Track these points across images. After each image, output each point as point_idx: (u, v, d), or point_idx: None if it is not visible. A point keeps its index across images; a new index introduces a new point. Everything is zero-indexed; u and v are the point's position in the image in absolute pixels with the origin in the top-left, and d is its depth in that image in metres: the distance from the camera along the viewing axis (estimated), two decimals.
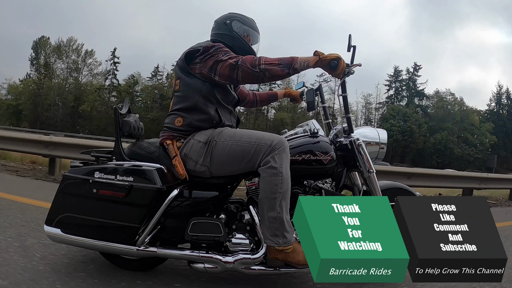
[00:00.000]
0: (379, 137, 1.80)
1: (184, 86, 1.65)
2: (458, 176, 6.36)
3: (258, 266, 1.56)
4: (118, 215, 1.53)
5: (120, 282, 1.61)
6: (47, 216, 1.60)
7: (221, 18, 1.78)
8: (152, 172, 1.53)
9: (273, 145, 1.53)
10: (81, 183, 1.55)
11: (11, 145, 5.13)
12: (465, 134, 37.99)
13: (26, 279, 1.54)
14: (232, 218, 1.67)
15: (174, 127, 1.64)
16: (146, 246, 1.57)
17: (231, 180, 1.67)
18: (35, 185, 4.14)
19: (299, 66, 1.52)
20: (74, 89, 36.01)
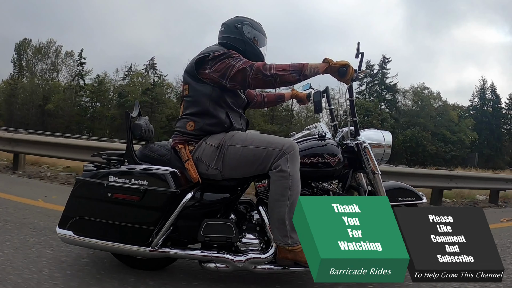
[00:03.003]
0: (384, 139, 1.87)
1: (193, 91, 1.68)
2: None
3: (267, 265, 1.61)
4: (133, 218, 1.55)
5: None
6: (60, 219, 1.61)
7: (231, 22, 1.80)
8: (167, 175, 1.56)
9: (284, 149, 1.58)
10: (95, 187, 1.56)
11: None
12: (443, 130, 36.15)
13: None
14: (241, 219, 1.72)
15: (186, 131, 1.67)
16: (158, 246, 1.60)
17: (242, 182, 1.71)
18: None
19: (309, 72, 1.56)
20: (44, 89, 37.10)
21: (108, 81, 38.44)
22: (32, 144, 5.05)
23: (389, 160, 1.88)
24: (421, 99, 38.36)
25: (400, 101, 39.58)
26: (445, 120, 37.02)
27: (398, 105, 39.34)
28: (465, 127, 36.95)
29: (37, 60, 37.97)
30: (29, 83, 36.67)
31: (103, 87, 37.38)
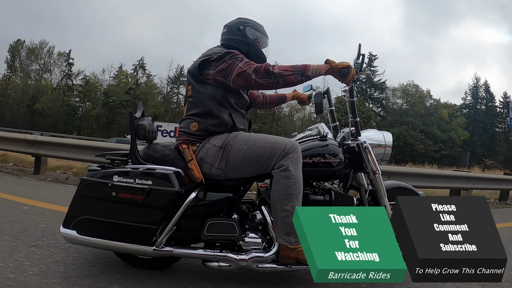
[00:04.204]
0: (385, 140, 1.90)
1: (196, 92, 1.70)
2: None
3: (270, 264, 1.63)
4: (137, 217, 1.57)
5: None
6: (64, 219, 1.62)
7: (234, 23, 1.82)
8: (171, 175, 1.57)
9: (287, 149, 1.60)
10: (99, 187, 1.57)
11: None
12: (433, 129, 35.55)
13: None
14: (244, 218, 1.74)
15: (190, 132, 1.69)
16: (162, 246, 1.62)
17: (244, 182, 1.73)
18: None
19: (311, 73, 1.59)
20: (34, 89, 37.53)
21: (97, 81, 38.96)
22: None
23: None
24: (409, 97, 37.78)
25: (388, 99, 38.86)
26: (435, 119, 36.43)
27: (386, 103, 38.62)
28: (456, 126, 36.38)
29: (30, 61, 38.43)
30: (21, 84, 37.14)
31: (90, 87, 37.88)
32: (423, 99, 38.13)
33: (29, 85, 37.29)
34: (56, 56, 38.79)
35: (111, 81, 39.11)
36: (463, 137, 36.06)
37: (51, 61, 38.79)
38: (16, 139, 5.25)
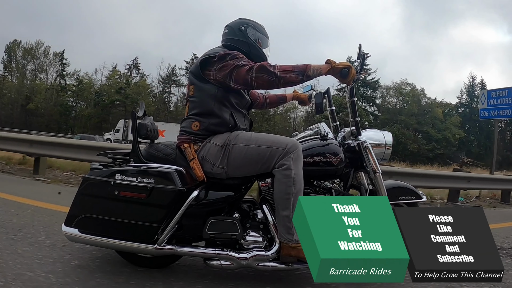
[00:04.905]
0: (385, 139, 1.92)
1: (198, 92, 1.71)
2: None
3: (271, 262, 1.64)
4: (139, 216, 1.57)
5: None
6: (66, 217, 1.62)
7: (235, 24, 1.83)
8: (173, 174, 1.58)
9: (287, 148, 1.62)
10: (102, 185, 1.58)
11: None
12: (427, 128, 35.29)
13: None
14: (245, 217, 1.75)
15: (191, 131, 1.70)
16: (164, 244, 1.62)
17: (246, 181, 1.74)
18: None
19: (312, 73, 1.60)
20: (28, 89, 37.90)
21: (90, 80, 39.33)
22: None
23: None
24: (402, 95, 37.43)
25: (381, 98, 38.47)
26: (430, 118, 36.07)
27: (378, 102, 38.34)
28: (451, 125, 36.01)
29: (26, 61, 38.77)
30: (16, 84, 37.47)
31: (83, 87, 38.25)
32: (417, 98, 37.78)
33: (24, 85, 37.58)
34: (52, 56, 39.32)
35: (105, 81, 39.52)
36: (458, 136, 35.79)
37: (47, 61, 39.27)
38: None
